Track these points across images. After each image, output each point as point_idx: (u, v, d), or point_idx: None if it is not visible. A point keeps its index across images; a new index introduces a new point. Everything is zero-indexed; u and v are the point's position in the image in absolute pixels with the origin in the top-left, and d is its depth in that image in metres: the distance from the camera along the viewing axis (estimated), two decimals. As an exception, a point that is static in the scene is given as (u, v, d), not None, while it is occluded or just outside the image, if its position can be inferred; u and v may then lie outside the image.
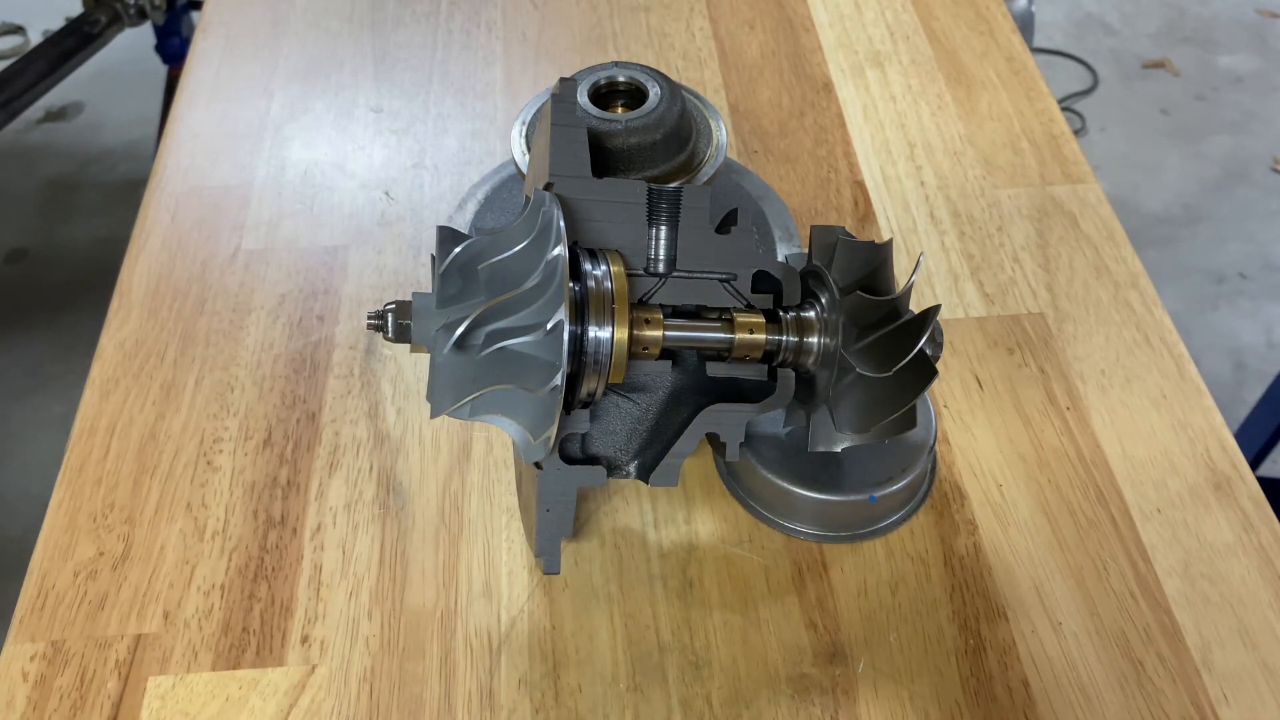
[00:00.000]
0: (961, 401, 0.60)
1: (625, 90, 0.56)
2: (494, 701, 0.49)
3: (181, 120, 0.79)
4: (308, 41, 0.85)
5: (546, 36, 0.84)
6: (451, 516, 0.56)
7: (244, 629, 0.52)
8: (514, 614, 0.52)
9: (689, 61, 0.82)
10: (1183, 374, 0.62)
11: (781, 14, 0.86)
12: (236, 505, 0.56)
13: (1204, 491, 0.57)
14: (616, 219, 0.46)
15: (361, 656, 0.51)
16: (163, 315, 0.65)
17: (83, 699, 0.50)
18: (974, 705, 0.49)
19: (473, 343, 0.42)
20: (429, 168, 0.74)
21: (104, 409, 0.60)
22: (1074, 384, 0.61)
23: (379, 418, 0.60)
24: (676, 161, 0.55)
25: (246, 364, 0.63)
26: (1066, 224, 0.70)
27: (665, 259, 0.47)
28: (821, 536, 0.54)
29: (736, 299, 0.48)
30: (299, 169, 0.74)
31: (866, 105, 0.78)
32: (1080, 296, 0.66)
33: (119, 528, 0.55)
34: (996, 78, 0.80)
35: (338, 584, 0.53)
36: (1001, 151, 0.75)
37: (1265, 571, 0.54)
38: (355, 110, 0.79)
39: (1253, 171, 2.08)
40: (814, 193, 0.72)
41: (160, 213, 0.72)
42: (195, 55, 0.84)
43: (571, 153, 0.46)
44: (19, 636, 0.52)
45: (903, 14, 0.86)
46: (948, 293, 0.66)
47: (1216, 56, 2.32)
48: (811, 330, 0.48)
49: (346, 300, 0.66)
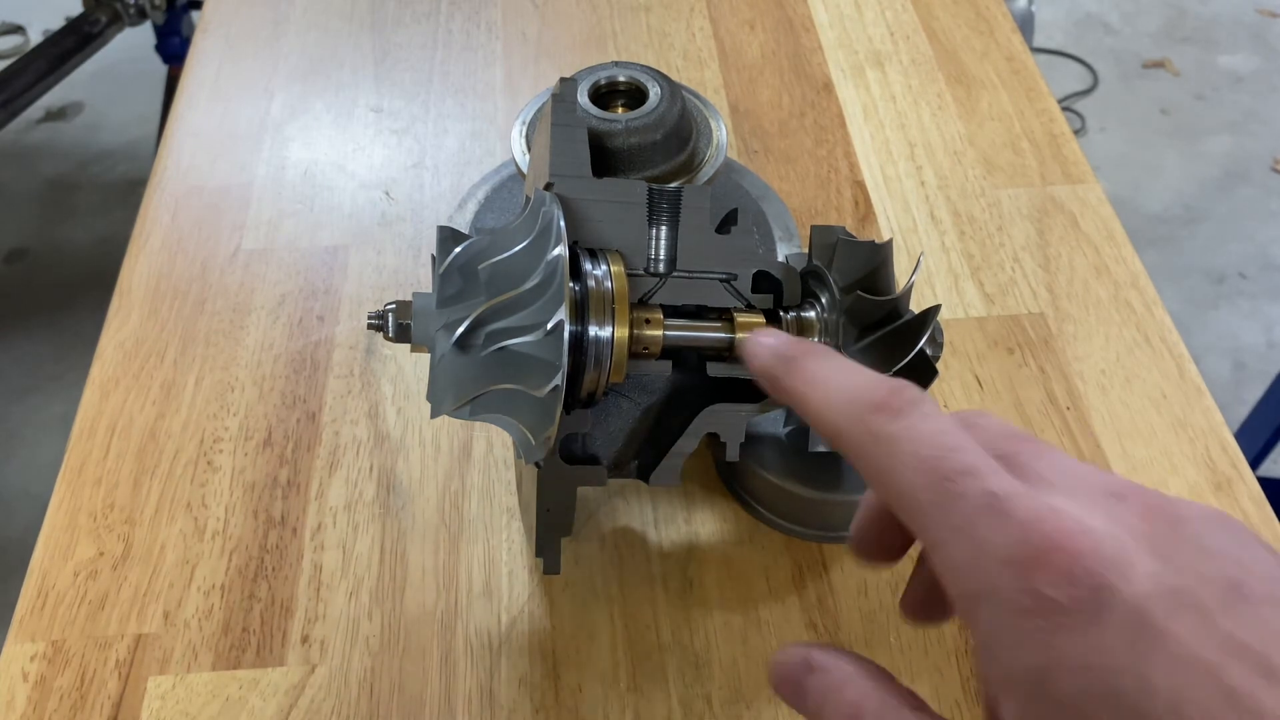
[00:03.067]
0: (962, 401, 0.60)
1: (625, 90, 0.56)
2: (494, 701, 0.49)
3: (181, 120, 0.79)
4: (308, 41, 0.85)
5: (546, 36, 0.84)
6: (451, 516, 0.56)
7: (244, 629, 0.52)
8: (514, 614, 0.52)
9: (689, 61, 0.82)
10: (1183, 374, 0.62)
11: (781, 14, 0.86)
12: (236, 505, 0.56)
13: (1204, 491, 0.57)
14: (616, 219, 0.45)
15: (361, 656, 0.51)
16: (163, 315, 0.65)
17: (83, 699, 0.50)
18: (974, 705, 0.49)
19: (473, 343, 0.42)
20: (429, 168, 0.74)
21: (104, 409, 0.60)
22: (1074, 384, 0.61)
23: (379, 418, 0.60)
24: (676, 161, 0.55)
25: (246, 364, 0.63)
26: (1066, 224, 0.70)
27: (665, 259, 0.47)
28: (821, 536, 0.54)
29: (737, 299, 0.48)
30: (299, 169, 0.74)
31: (866, 105, 0.78)
32: (1080, 296, 0.66)
33: (119, 528, 0.55)
34: (997, 78, 0.80)
35: (338, 584, 0.53)
36: (1001, 151, 0.75)
37: (1265, 571, 0.54)
38: (355, 110, 0.79)
39: (1253, 171, 2.08)
40: (814, 193, 0.72)
41: (160, 213, 0.72)
42: (195, 55, 0.84)
43: (571, 153, 0.46)
44: (19, 636, 0.52)
45: (903, 14, 0.86)
46: (948, 293, 0.66)
47: (1216, 56, 2.33)
48: (812, 330, 0.48)
49: (346, 300, 0.66)
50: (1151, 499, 0.25)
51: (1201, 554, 0.23)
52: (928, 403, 0.27)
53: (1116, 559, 0.23)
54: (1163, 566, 0.23)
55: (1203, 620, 0.22)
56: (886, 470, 0.27)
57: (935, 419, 0.27)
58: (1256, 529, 0.55)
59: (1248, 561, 0.23)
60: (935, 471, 0.25)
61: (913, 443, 0.26)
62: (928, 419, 0.27)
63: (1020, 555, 0.23)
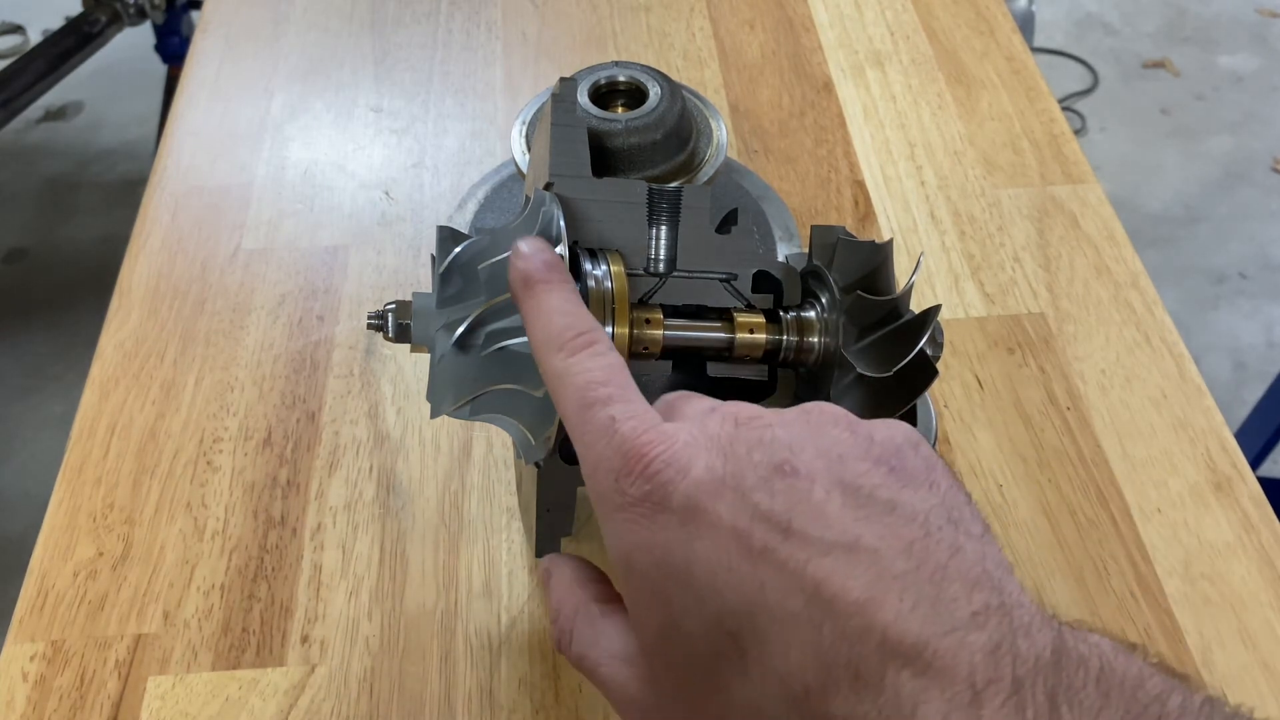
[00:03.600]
0: (962, 401, 0.60)
1: (625, 90, 0.56)
2: (494, 701, 0.49)
3: (181, 120, 0.79)
4: (308, 41, 0.85)
5: (546, 36, 0.84)
6: (451, 516, 0.56)
7: (244, 629, 0.52)
8: (514, 614, 0.52)
9: (689, 61, 0.82)
10: (1183, 374, 0.62)
11: (782, 14, 0.86)
12: (236, 505, 0.56)
13: (1204, 491, 0.57)
14: (616, 219, 0.45)
15: (361, 657, 0.51)
16: (163, 315, 0.65)
17: (82, 699, 0.50)
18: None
19: (473, 343, 0.42)
20: (429, 168, 0.74)
21: (104, 409, 0.60)
22: (1074, 384, 0.61)
23: (379, 418, 0.60)
24: (676, 161, 0.55)
25: (246, 364, 0.63)
26: (1067, 224, 0.70)
27: (665, 259, 0.47)
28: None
29: (737, 299, 0.48)
30: (299, 169, 0.74)
31: (867, 105, 0.78)
32: (1080, 296, 0.66)
33: (119, 528, 0.55)
34: (997, 77, 0.80)
35: (338, 584, 0.53)
36: (1002, 151, 0.75)
37: (1265, 572, 0.53)
38: (355, 110, 0.79)
39: (1253, 171, 2.08)
40: (814, 192, 0.72)
41: (160, 212, 0.72)
42: (195, 55, 0.84)
43: (571, 153, 0.46)
44: (19, 636, 0.52)
45: (903, 14, 0.86)
46: (948, 293, 0.66)
47: (1216, 56, 2.32)
48: (812, 330, 0.48)
49: (346, 300, 0.66)
50: (737, 409, 0.31)
51: (758, 446, 0.29)
52: (600, 344, 0.33)
53: (678, 460, 0.29)
54: (720, 461, 0.28)
55: (740, 498, 0.27)
56: (559, 398, 0.33)
57: (601, 358, 0.33)
58: (1257, 529, 0.55)
59: (807, 445, 0.29)
60: (581, 400, 0.31)
61: (574, 376, 0.32)
62: (594, 357, 0.33)
63: (616, 464, 0.29)
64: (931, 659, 0.24)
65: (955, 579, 0.26)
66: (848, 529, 0.26)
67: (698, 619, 0.27)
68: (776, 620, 0.26)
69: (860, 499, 0.27)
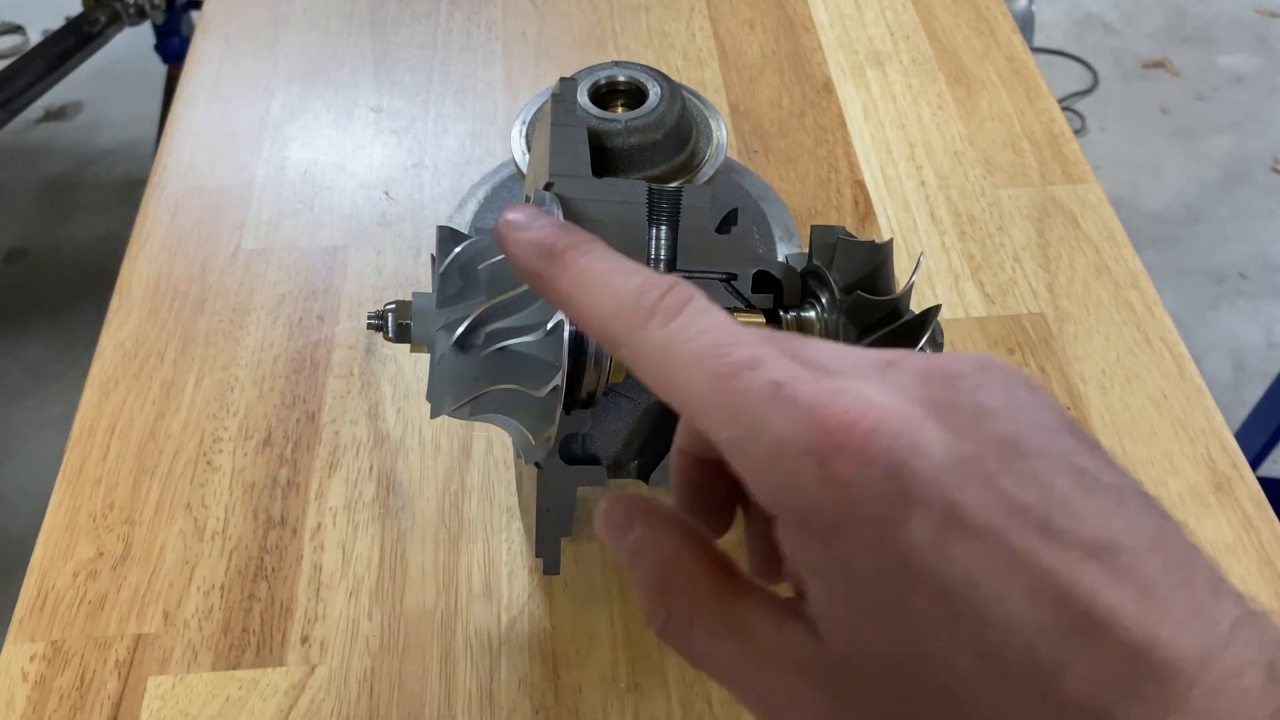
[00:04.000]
0: (962, 401, 0.60)
1: (625, 90, 0.56)
2: (494, 701, 0.49)
3: (181, 120, 0.79)
4: (308, 41, 0.85)
5: (546, 36, 0.84)
6: (451, 516, 0.56)
7: (244, 629, 0.52)
8: (514, 614, 0.52)
9: (689, 61, 0.82)
10: (1183, 374, 0.62)
11: (781, 14, 0.86)
12: (236, 505, 0.56)
13: (1204, 491, 0.57)
14: (616, 219, 0.45)
15: (361, 657, 0.51)
16: (162, 315, 0.65)
17: (82, 699, 0.50)
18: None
19: (473, 343, 0.42)
20: (429, 168, 0.74)
21: (104, 409, 0.60)
22: (1074, 384, 0.61)
23: (379, 418, 0.60)
24: (676, 161, 0.55)
25: (246, 364, 0.63)
26: (1067, 224, 0.70)
27: (665, 259, 0.47)
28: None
29: (737, 299, 0.48)
30: (299, 169, 0.74)
31: (867, 105, 0.78)
32: (1080, 296, 0.66)
33: (119, 528, 0.55)
34: (997, 77, 0.80)
35: (338, 584, 0.53)
36: (1002, 151, 0.75)
37: (1265, 571, 0.53)
38: (355, 110, 0.79)
39: (1253, 171, 2.08)
40: (814, 193, 0.72)
41: (160, 212, 0.72)
42: (195, 55, 0.84)
43: (571, 153, 0.46)
44: (19, 636, 0.52)
45: (903, 14, 0.86)
46: (948, 293, 0.66)
47: (1216, 56, 2.33)
48: (812, 330, 0.48)
49: (346, 300, 0.66)
50: (919, 361, 0.24)
51: (980, 414, 0.23)
52: (698, 297, 0.26)
53: (906, 432, 0.22)
54: (949, 434, 0.22)
55: (987, 485, 0.22)
56: (671, 376, 0.25)
57: (709, 313, 0.25)
58: (1257, 529, 0.55)
59: (1019, 413, 0.23)
60: (717, 370, 0.24)
61: (689, 344, 0.25)
62: (703, 314, 0.25)
63: (814, 443, 0.22)
64: (1217, 682, 0.20)
65: (1199, 579, 0.22)
66: (1099, 525, 0.22)
67: (949, 642, 0.22)
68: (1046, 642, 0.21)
69: (1088, 483, 0.22)
